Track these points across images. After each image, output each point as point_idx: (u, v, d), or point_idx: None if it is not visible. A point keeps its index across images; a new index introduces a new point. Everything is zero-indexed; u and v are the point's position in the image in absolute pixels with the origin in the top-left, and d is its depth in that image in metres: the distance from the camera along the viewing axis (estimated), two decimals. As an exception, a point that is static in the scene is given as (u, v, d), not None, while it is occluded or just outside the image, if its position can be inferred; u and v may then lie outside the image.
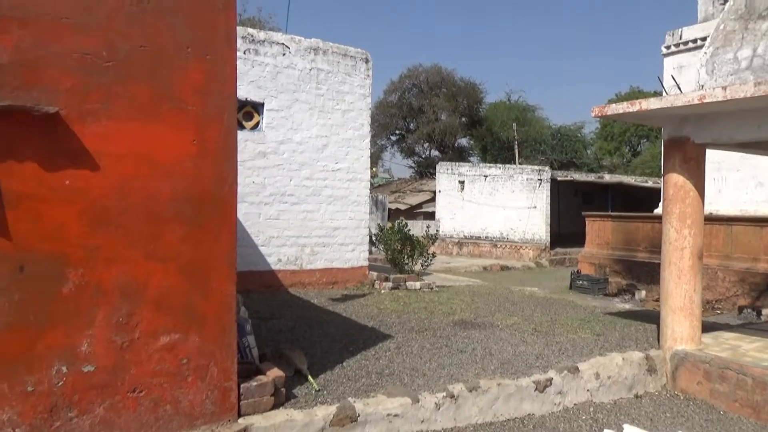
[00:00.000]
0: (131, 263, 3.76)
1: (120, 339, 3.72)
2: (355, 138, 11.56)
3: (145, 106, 3.79)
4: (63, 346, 3.55)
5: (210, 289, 4.03)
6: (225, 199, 4.09)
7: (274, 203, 10.63)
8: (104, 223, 3.67)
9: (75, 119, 3.57)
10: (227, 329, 4.11)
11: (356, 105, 11.57)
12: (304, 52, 10.93)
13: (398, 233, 12.60)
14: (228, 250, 4.10)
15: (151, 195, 3.82)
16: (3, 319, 3.39)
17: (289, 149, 10.78)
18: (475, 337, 7.07)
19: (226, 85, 4.09)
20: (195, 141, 3.96)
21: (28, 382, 3.46)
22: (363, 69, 11.66)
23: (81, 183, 3.60)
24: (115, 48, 3.68)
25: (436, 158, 41.04)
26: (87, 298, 3.62)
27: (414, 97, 43.48)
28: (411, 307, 9.07)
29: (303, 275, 10.95)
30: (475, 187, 25.95)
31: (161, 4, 3.82)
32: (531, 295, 11.32)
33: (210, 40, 4.00)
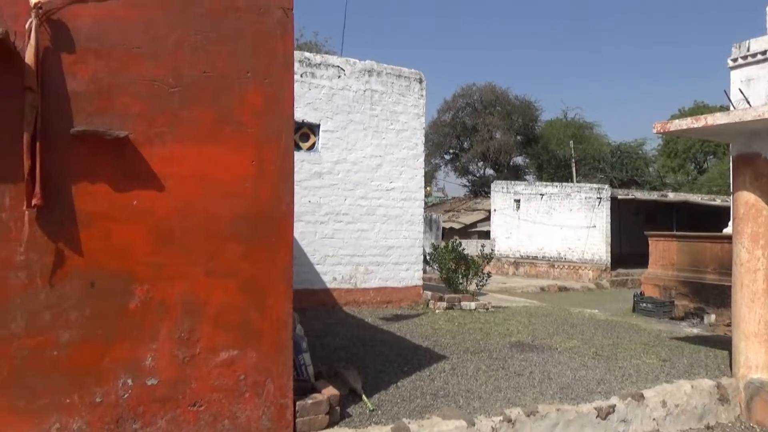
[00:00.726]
0: (193, 280, 3.88)
1: (182, 354, 3.84)
2: (409, 157, 11.60)
3: (208, 129, 3.95)
4: (129, 359, 3.70)
5: (267, 307, 4.11)
6: (282, 218, 4.18)
7: (329, 222, 10.77)
8: (168, 241, 3.82)
9: (143, 142, 3.75)
10: (284, 346, 4.17)
11: (410, 125, 11.64)
12: (358, 73, 11.12)
13: (452, 252, 12.49)
14: (285, 268, 4.18)
15: (212, 214, 3.95)
16: (75, 332, 3.57)
17: (344, 169, 10.94)
18: (532, 359, 6.88)
19: (283, 108, 4.21)
20: (254, 162, 4.08)
21: (97, 394, 3.61)
22: (417, 89, 11.74)
23: (147, 203, 3.77)
24: (181, 74, 3.87)
25: (490, 177, 40.60)
26: (152, 314, 3.76)
27: (468, 116, 43.32)
28: (466, 328, 8.93)
29: (357, 294, 11.00)
30: (531, 206, 25.48)
31: (224, 32, 3.99)
32: (591, 317, 10.94)
33: (269, 65, 4.14)
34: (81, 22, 3.60)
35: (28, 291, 3.47)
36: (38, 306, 3.49)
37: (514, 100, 42.99)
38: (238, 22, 4.03)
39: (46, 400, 3.49)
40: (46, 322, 3.50)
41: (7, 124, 3.41)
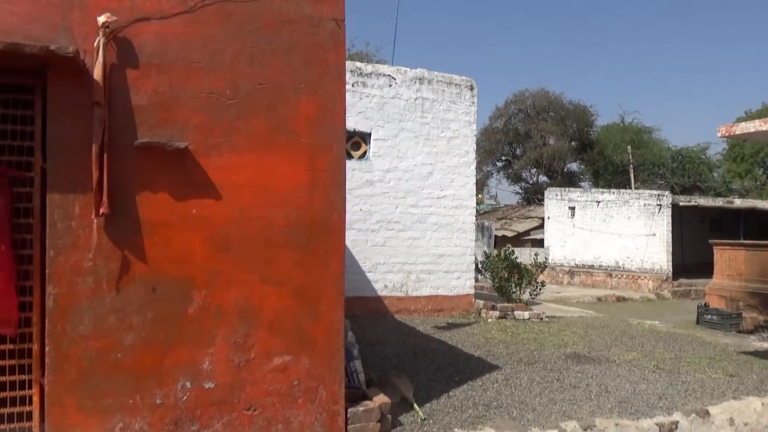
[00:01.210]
0: (248, 286, 3.98)
1: (237, 358, 3.93)
2: (461, 165, 11.53)
3: (263, 139, 4.05)
4: (187, 363, 3.82)
5: (319, 313, 4.16)
6: (334, 226, 4.24)
7: (380, 230, 10.82)
8: (225, 248, 3.94)
9: (201, 153, 3.89)
10: (336, 353, 4.21)
11: (461, 132, 11.57)
12: (409, 82, 11.16)
13: (505, 261, 12.30)
14: (337, 276, 4.23)
15: (267, 222, 4.05)
16: (137, 335, 3.72)
17: (395, 177, 10.97)
18: (589, 372, 6.67)
19: (336, 117, 4.28)
20: (307, 171, 4.16)
21: (157, 396, 3.74)
22: (468, 96, 11.67)
23: (206, 211, 3.90)
24: (238, 87, 3.99)
25: (544, 184, 39.82)
26: (209, 319, 3.88)
27: (520, 122, 42.68)
28: (519, 338, 8.77)
29: (408, 302, 10.98)
30: (587, 214, 24.80)
31: (278, 45, 4.10)
32: (651, 329, 10.53)
33: (321, 76, 4.22)
34: (144, 39, 3.78)
35: (95, 295, 3.65)
36: (104, 310, 3.66)
37: (568, 105, 42.07)
38: (291, 34, 4.13)
39: (110, 400, 3.65)
40: (111, 325, 3.67)
41: (77, 137, 3.61)
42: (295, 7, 4.14)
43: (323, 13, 4.21)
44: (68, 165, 3.60)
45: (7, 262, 3.51)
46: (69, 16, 3.62)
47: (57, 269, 3.58)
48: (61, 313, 3.57)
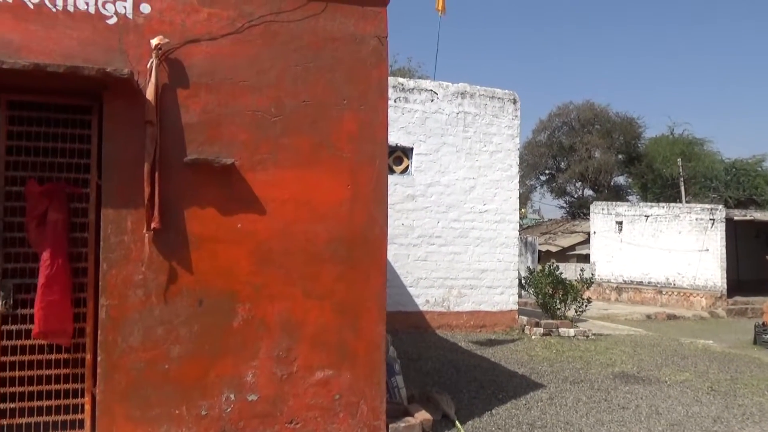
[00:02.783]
0: (291, 300, 4.03)
1: (280, 372, 3.98)
2: (503, 179, 11.42)
3: (306, 155, 4.12)
4: (231, 375, 3.89)
5: (361, 328, 4.17)
6: (376, 241, 4.26)
7: (422, 245, 10.79)
8: (269, 262, 4.01)
9: (247, 169, 3.99)
10: (377, 368, 4.21)
11: (504, 146, 11.47)
12: (451, 96, 11.15)
13: (549, 276, 12.05)
14: (378, 290, 4.24)
15: (310, 237, 4.10)
16: (184, 347, 3.81)
17: (437, 192, 10.95)
18: (638, 392, 6.44)
19: (378, 133, 4.32)
20: (349, 186, 4.20)
21: (202, 407, 3.82)
22: (511, 110, 11.58)
23: (250, 226, 3.98)
24: (282, 104, 4.08)
25: (589, 198, 38.91)
26: (253, 332, 3.94)
27: (564, 136, 41.96)
28: (564, 356, 8.55)
29: (450, 317, 10.88)
30: (635, 228, 24.10)
31: (322, 63, 4.18)
32: (705, 348, 10.10)
33: (364, 92, 4.27)
34: (194, 59, 3.92)
35: (145, 307, 3.77)
36: (153, 321, 3.77)
37: (614, 118, 41.15)
38: (335, 52, 4.20)
39: (158, 411, 3.74)
40: (159, 336, 3.78)
41: (130, 155, 3.76)
42: (338, 26, 4.22)
43: (366, 31, 4.28)
44: (121, 181, 3.75)
45: (63, 275, 3.67)
46: (124, 39, 3.80)
47: (109, 282, 3.72)
48: (113, 325, 3.70)
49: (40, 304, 3.59)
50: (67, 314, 3.69)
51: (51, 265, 3.61)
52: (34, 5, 3.68)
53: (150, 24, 3.84)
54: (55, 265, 3.62)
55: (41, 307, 3.58)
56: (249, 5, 4.04)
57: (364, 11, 4.28)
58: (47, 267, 3.60)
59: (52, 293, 3.61)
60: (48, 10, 3.69)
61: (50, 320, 3.60)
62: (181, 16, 3.92)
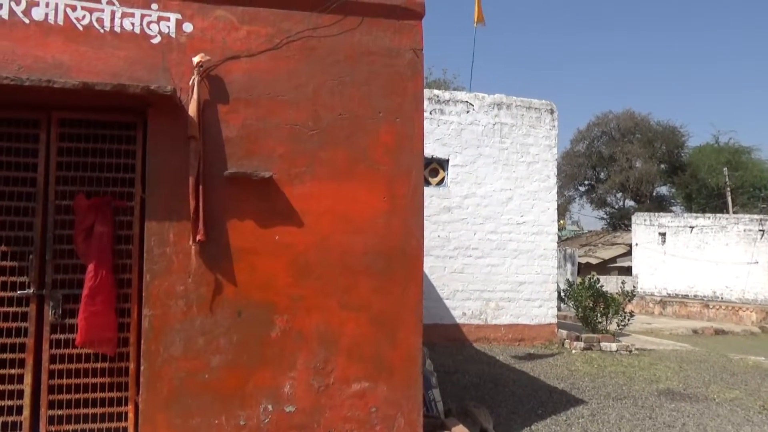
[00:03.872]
0: (328, 312, 4.06)
1: (317, 383, 3.99)
2: (541, 190, 11.27)
3: (343, 168, 4.16)
4: (269, 386, 3.92)
5: (397, 340, 4.16)
6: (412, 253, 4.25)
7: (458, 257, 10.72)
8: (306, 274, 4.05)
9: (285, 182, 4.05)
10: (414, 381, 4.18)
11: (541, 156, 11.34)
12: (487, 107, 11.10)
13: (590, 289, 11.78)
14: (415, 303, 4.22)
15: (346, 249, 4.12)
16: (223, 357, 3.87)
17: (473, 203, 10.88)
18: (685, 410, 6.22)
19: (414, 145, 4.33)
20: (385, 198, 4.22)
21: (241, 417, 3.86)
22: (548, 120, 11.45)
23: (288, 238, 4.03)
24: (319, 118, 4.14)
25: (631, 209, 37.98)
26: (290, 343, 3.98)
27: (604, 145, 41.16)
28: (606, 371, 8.33)
29: (487, 330, 10.74)
30: (679, 240, 23.40)
31: (358, 76, 4.22)
32: (756, 365, 9.68)
33: (400, 105, 4.30)
34: (234, 75, 4.02)
35: (186, 318, 3.85)
36: (194, 332, 3.85)
37: (656, 126, 40.17)
38: (371, 65, 4.24)
39: (198, 420, 3.80)
40: (200, 347, 3.85)
41: (173, 169, 3.87)
42: (374, 39, 4.26)
43: (402, 44, 4.31)
44: (164, 195, 3.86)
45: (106, 286, 3.78)
46: (168, 57, 3.92)
47: (152, 292, 3.82)
48: (156, 334, 3.79)
49: (83, 314, 3.70)
50: (110, 324, 3.79)
51: (95, 276, 3.73)
52: (84, 27, 3.84)
53: (192, 42, 3.96)
54: (99, 276, 3.74)
55: (84, 317, 3.70)
56: (287, 22, 4.12)
57: (400, 25, 4.31)
58: (91, 278, 3.72)
59: (95, 304, 3.72)
60: (96, 31, 3.85)
61: (92, 330, 3.71)
62: (222, 33, 4.03)
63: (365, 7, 4.24)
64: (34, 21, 3.78)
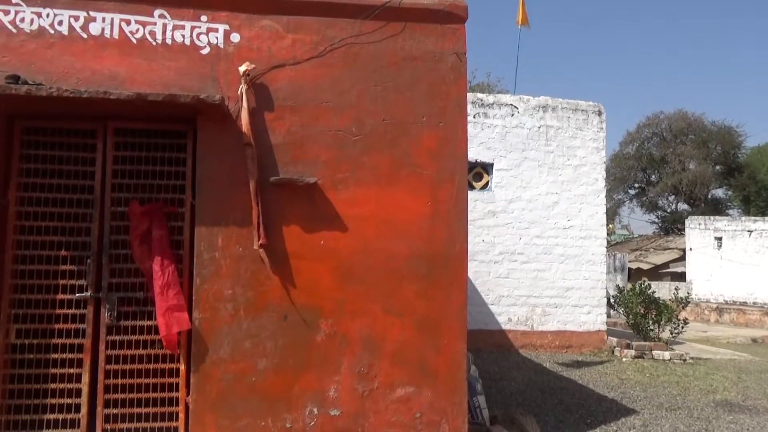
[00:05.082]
0: (372, 316, 4.07)
1: (361, 387, 4.01)
2: (589, 193, 11.01)
3: (386, 173, 4.18)
4: (314, 389, 3.97)
5: (442, 345, 4.13)
6: (456, 258, 4.22)
7: (503, 262, 10.58)
8: (350, 279, 4.08)
9: (329, 187, 4.09)
10: (458, 387, 4.14)
11: (589, 159, 11.08)
12: (532, 110, 10.94)
13: (641, 295, 11.40)
14: (459, 308, 4.19)
15: (390, 254, 4.13)
16: (270, 360, 3.94)
17: (519, 207, 10.72)
18: (744, 423, 5.94)
19: (457, 149, 4.30)
20: (429, 203, 4.21)
21: (287, 419, 3.92)
22: (595, 122, 11.19)
23: (332, 243, 4.07)
24: (363, 123, 4.17)
25: (684, 212, 36.66)
26: (335, 347, 4.01)
27: (655, 147, 39.88)
28: (659, 380, 8.04)
29: (534, 336, 10.56)
30: (736, 244, 22.42)
31: (401, 81, 4.24)
32: (822, 377, 9.15)
33: (443, 109, 4.28)
34: (279, 83, 4.10)
35: (234, 321, 3.93)
36: (241, 335, 3.93)
37: (710, 127, 38.66)
38: (414, 70, 4.25)
39: (245, 421, 3.88)
40: (247, 349, 3.92)
41: (221, 176, 3.98)
42: (417, 44, 4.27)
43: (445, 48, 4.30)
44: (213, 201, 3.97)
45: (176, 282, 3.88)
46: (216, 67, 4.04)
47: (202, 296, 3.92)
48: (205, 337, 3.89)
49: (160, 311, 3.82)
50: (186, 317, 3.87)
51: (163, 274, 3.85)
52: (137, 40, 4.00)
53: (239, 52, 4.07)
54: (166, 274, 3.86)
55: (161, 314, 3.82)
56: (331, 29, 4.18)
57: (443, 29, 4.31)
58: (160, 277, 3.84)
59: (169, 299, 3.83)
60: (149, 44, 4.00)
61: (173, 324, 3.82)
62: (268, 43, 4.12)
63: (408, 13, 4.25)
64: (91, 36, 3.96)
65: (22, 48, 3.90)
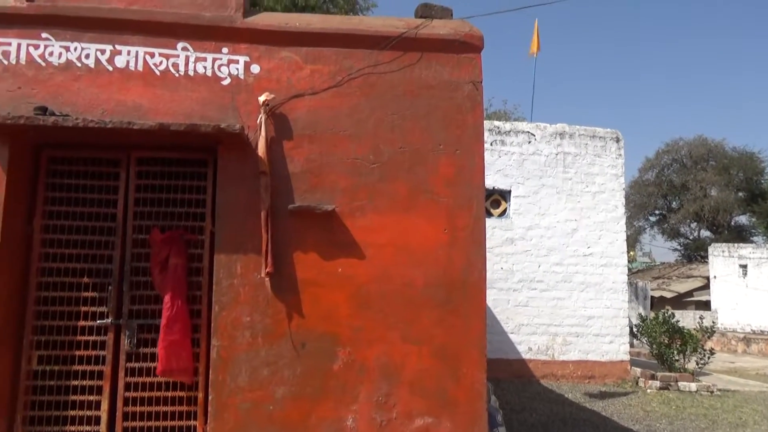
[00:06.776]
0: (390, 345, 4.04)
1: (380, 417, 3.95)
2: (608, 220, 10.91)
3: (403, 200, 4.19)
4: (332, 418, 3.92)
5: (461, 375, 4.07)
6: (475, 285, 4.19)
7: (522, 289, 10.47)
8: (367, 306, 4.06)
9: (346, 214, 4.11)
10: (479, 417, 4.07)
11: (608, 186, 11.01)
12: (549, 137, 10.95)
13: (664, 324, 11.18)
14: (478, 336, 4.14)
15: (407, 281, 4.12)
16: (287, 389, 3.91)
17: (537, 234, 10.65)
18: (776, 457, 5.72)
19: (474, 176, 4.31)
20: (446, 230, 4.20)
21: (304, 449, 3.86)
22: (614, 149, 11.15)
23: (350, 270, 4.07)
24: (380, 151, 4.21)
25: (707, 239, 36.05)
26: (353, 376, 3.97)
27: (675, 173, 39.51)
28: (686, 413, 7.81)
29: (555, 366, 10.36)
30: (762, 273, 21.94)
31: (418, 110, 4.28)
32: None
33: (459, 137, 4.31)
34: (298, 113, 4.17)
35: (252, 349, 3.92)
36: (259, 362, 3.92)
37: (731, 153, 38.27)
38: (430, 99, 4.30)
39: (262, 451, 3.83)
40: (265, 378, 3.91)
41: (240, 204, 4.02)
42: (433, 73, 4.32)
43: (461, 77, 4.35)
44: (232, 229, 4.00)
45: (182, 316, 3.93)
46: (236, 97, 4.12)
47: (220, 323, 3.93)
48: (223, 365, 3.89)
49: (162, 344, 3.85)
50: (187, 353, 3.92)
51: (171, 306, 3.89)
52: (161, 72, 4.11)
53: (259, 82, 4.15)
54: (174, 306, 3.90)
55: (163, 347, 3.85)
56: (349, 60, 4.26)
57: (459, 58, 4.36)
58: (168, 309, 3.88)
59: (173, 333, 3.87)
60: (172, 75, 4.11)
61: (171, 359, 3.85)
62: (287, 73, 4.20)
63: (424, 43, 4.32)
64: (116, 68, 4.09)
65: (50, 80, 4.03)
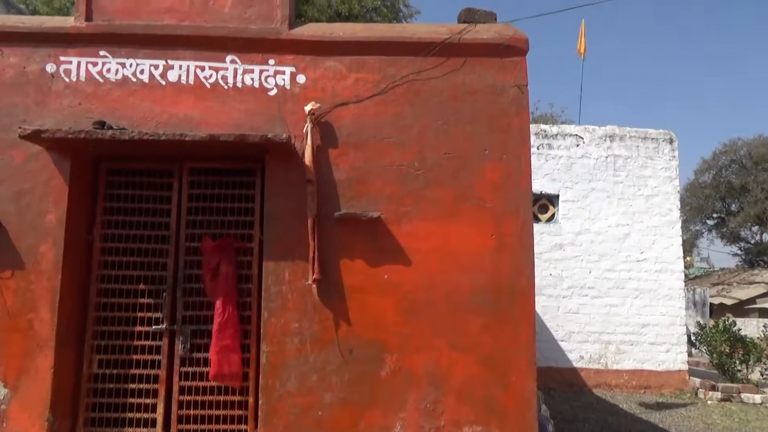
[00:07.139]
0: (437, 352, 4.01)
1: (427, 425, 3.93)
2: (663, 224, 10.54)
3: (449, 206, 4.17)
4: (380, 425, 3.92)
5: (510, 383, 4.01)
6: (523, 292, 4.12)
7: (573, 296, 10.22)
8: (414, 313, 4.05)
9: (392, 221, 4.13)
10: (529, 426, 3.98)
11: (661, 189, 10.65)
12: (598, 140, 10.69)
13: (725, 333, 10.69)
14: (527, 344, 4.07)
15: (454, 288, 4.09)
16: (335, 395, 3.94)
17: (587, 240, 10.39)
18: None
19: (521, 181, 4.25)
20: (493, 236, 4.15)
21: (353, 456, 3.87)
22: (667, 150, 10.78)
23: (396, 277, 4.08)
24: (425, 158, 4.21)
25: (770, 244, 34.31)
26: (400, 383, 3.97)
27: (734, 175, 37.78)
28: (750, 426, 7.43)
29: (608, 375, 10.05)
30: (832, 278, 20.67)
31: (462, 115, 4.26)
32: None
33: (505, 141, 4.26)
34: (343, 121, 4.21)
35: (300, 354, 3.98)
36: (307, 368, 3.96)
37: (794, 152, 36.32)
38: (475, 104, 4.27)
39: (311, 456, 3.86)
40: (313, 383, 3.95)
41: (288, 212, 4.09)
42: (478, 78, 4.29)
43: (506, 81, 4.30)
44: (280, 236, 4.08)
45: (233, 322, 4.02)
46: (283, 107, 4.21)
47: (269, 329, 4.00)
48: (273, 370, 3.95)
49: (215, 349, 3.95)
50: (237, 358, 4.01)
51: (223, 312, 3.99)
52: (211, 85, 4.24)
53: (305, 92, 4.23)
54: (226, 312, 4.00)
55: (215, 352, 3.95)
56: (392, 67, 4.28)
57: (503, 62, 4.32)
58: (220, 314, 3.99)
59: (225, 338, 3.96)
60: (221, 87, 4.24)
61: (223, 364, 3.95)
62: (332, 82, 4.26)
63: (468, 48, 4.30)
64: (169, 82, 4.24)
65: (107, 96, 4.22)
